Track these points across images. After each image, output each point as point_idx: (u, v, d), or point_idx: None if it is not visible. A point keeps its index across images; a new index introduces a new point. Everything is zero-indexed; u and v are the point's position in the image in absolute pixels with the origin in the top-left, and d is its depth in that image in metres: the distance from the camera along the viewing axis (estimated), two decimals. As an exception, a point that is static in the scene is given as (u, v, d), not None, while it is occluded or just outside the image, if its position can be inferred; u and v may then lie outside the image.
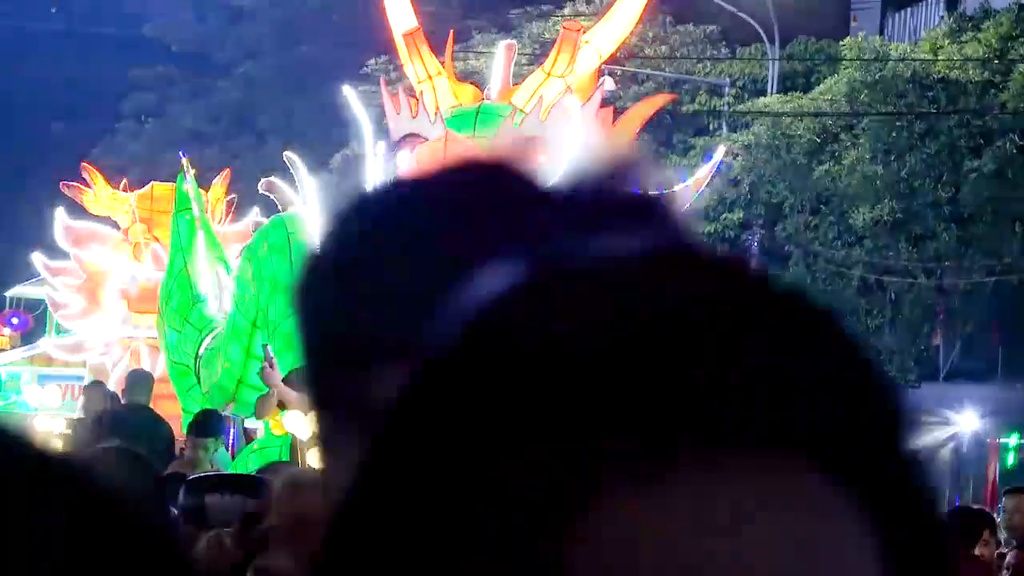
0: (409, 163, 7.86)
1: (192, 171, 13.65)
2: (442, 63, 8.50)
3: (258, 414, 9.26)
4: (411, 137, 8.17)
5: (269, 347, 8.58)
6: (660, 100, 9.28)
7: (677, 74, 26.13)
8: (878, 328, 20.98)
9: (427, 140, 7.97)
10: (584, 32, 8.46)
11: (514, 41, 10.08)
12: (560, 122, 7.96)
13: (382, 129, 8.48)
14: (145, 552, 0.54)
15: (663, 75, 26.02)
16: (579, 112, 8.00)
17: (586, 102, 8.12)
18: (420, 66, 8.42)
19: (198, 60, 35.69)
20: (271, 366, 8.45)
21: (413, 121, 8.25)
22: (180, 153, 13.55)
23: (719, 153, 8.96)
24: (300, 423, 7.98)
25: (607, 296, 0.43)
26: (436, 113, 8.18)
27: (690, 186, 8.45)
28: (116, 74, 35.28)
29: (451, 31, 8.80)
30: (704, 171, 8.58)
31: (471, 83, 9.13)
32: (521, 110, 8.14)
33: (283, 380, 9.24)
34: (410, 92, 8.50)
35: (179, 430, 10.69)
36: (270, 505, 3.81)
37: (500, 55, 8.99)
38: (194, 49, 35.70)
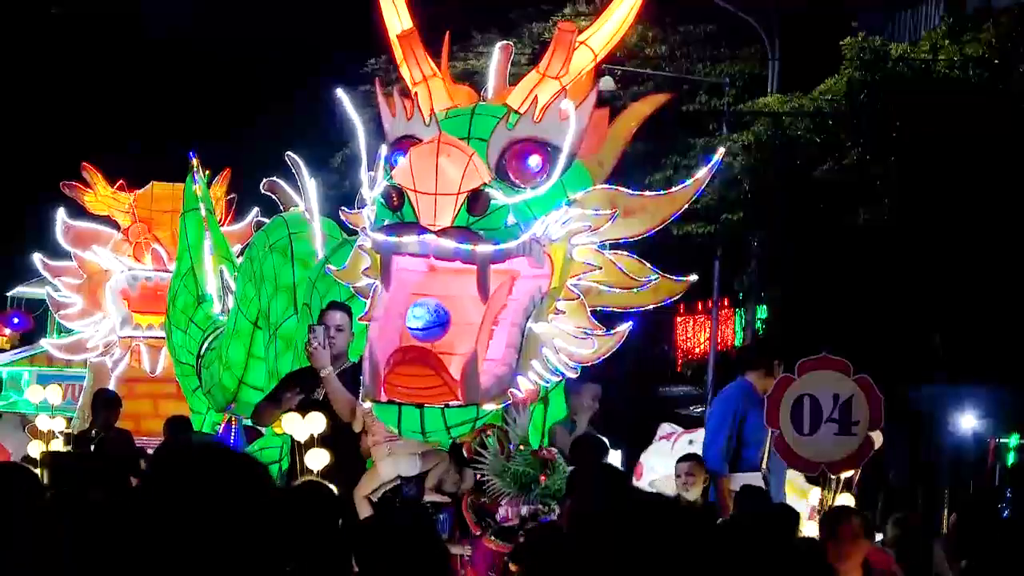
0: (403, 166, 7.75)
1: (204, 171, 13.63)
2: (438, 64, 8.35)
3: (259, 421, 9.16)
4: (406, 139, 8.07)
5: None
6: (659, 99, 9.10)
7: (677, 74, 26.11)
8: (878, 328, 20.94)
9: (421, 142, 7.84)
10: (579, 33, 8.29)
11: (510, 42, 9.83)
12: (554, 124, 7.88)
13: (381, 130, 8.37)
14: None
15: (663, 75, 26.00)
16: (574, 114, 7.89)
17: (581, 103, 7.98)
18: (415, 68, 8.23)
19: (199, 58, 35.68)
20: (322, 346, 8.35)
21: (408, 123, 8.10)
22: (190, 153, 13.49)
23: (719, 153, 8.87)
24: (298, 424, 7.96)
25: None
26: (431, 115, 8.03)
27: (689, 186, 8.41)
28: (116, 72, 35.27)
29: (447, 32, 8.63)
30: (704, 172, 8.53)
31: (467, 84, 8.99)
32: (516, 111, 7.99)
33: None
34: (404, 94, 8.34)
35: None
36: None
37: (496, 56, 8.92)
38: (195, 47, 35.71)
